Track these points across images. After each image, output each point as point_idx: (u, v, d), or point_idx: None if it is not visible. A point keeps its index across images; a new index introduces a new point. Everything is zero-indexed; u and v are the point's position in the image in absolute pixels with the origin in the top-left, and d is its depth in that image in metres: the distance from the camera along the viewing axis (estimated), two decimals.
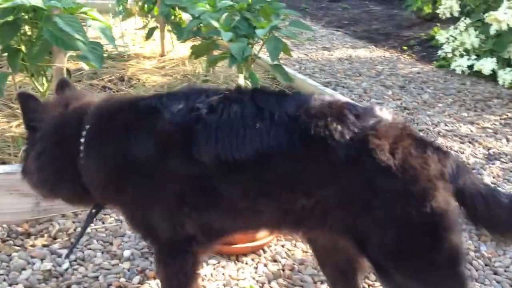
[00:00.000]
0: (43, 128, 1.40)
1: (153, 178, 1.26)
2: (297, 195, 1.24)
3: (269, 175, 1.23)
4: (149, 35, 4.31)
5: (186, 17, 4.30)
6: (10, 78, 2.66)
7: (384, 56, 5.24)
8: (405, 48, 5.55)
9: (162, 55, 4.39)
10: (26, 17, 2.41)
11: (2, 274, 1.83)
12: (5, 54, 2.48)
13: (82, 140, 1.33)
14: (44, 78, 2.64)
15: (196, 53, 3.29)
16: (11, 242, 2.02)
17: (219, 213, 1.30)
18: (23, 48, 2.48)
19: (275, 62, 2.83)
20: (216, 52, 3.51)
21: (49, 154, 1.39)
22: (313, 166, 1.22)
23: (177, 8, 4.05)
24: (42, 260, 1.90)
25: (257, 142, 1.21)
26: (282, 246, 2.09)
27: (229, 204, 1.27)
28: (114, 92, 3.47)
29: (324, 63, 4.82)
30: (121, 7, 4.44)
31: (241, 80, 2.89)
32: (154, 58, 4.33)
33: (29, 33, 2.50)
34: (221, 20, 2.86)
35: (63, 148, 1.37)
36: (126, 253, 1.96)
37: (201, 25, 3.20)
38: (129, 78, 3.78)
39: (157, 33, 4.31)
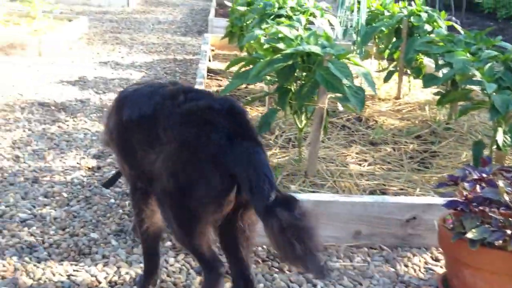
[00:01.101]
0: None
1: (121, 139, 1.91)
2: (151, 150, 1.73)
3: (143, 132, 1.77)
4: (387, 78, 4.38)
5: (426, 62, 4.26)
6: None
7: None
8: None
9: (397, 98, 4.41)
10: (300, 61, 2.69)
11: None
12: (276, 93, 2.79)
13: None
14: (304, 115, 2.88)
15: (444, 100, 3.22)
16: (269, 263, 2.23)
17: (146, 160, 1.77)
18: (292, 88, 2.77)
19: None
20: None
21: None
22: (156, 129, 1.71)
23: (419, 53, 4.04)
24: (300, 286, 2.06)
25: (141, 109, 1.79)
26: None
27: (137, 153, 1.80)
28: (352, 131, 3.61)
29: None
30: (363, 49, 4.62)
31: (500, 135, 2.71)
32: (389, 101, 4.38)
33: (297, 75, 2.79)
34: (484, 70, 2.75)
35: None
36: None
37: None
38: (366, 118, 3.90)
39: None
